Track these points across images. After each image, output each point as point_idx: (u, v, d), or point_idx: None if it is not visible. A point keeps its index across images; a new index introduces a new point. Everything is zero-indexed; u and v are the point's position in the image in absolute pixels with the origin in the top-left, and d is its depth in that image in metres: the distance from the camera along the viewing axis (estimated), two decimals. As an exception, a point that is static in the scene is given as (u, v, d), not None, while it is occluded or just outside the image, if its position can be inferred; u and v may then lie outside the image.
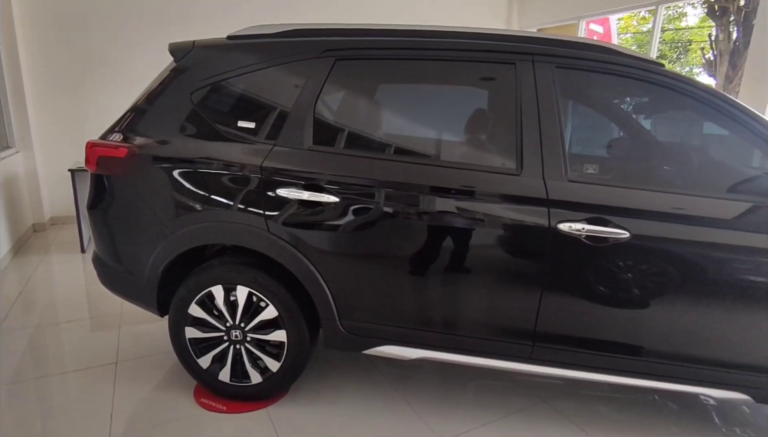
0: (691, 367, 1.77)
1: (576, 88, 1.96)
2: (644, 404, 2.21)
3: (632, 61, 1.78)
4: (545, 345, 1.81)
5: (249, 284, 1.88)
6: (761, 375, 1.73)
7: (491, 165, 1.85)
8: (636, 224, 1.65)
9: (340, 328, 1.91)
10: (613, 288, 1.74)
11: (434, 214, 1.78)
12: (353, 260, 1.86)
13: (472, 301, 1.83)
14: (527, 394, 2.23)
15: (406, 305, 1.88)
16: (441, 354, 1.90)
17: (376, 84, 2.02)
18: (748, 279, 1.68)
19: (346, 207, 1.78)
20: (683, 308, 1.72)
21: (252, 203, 1.82)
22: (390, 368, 2.38)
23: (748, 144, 1.76)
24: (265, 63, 1.87)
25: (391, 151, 1.93)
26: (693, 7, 13.91)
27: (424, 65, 1.89)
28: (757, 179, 1.77)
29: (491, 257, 1.78)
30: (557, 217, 1.67)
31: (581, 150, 2.24)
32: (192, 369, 2.04)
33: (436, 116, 2.04)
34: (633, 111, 2.30)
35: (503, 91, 1.83)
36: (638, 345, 1.78)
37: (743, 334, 1.71)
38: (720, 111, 1.72)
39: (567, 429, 2.00)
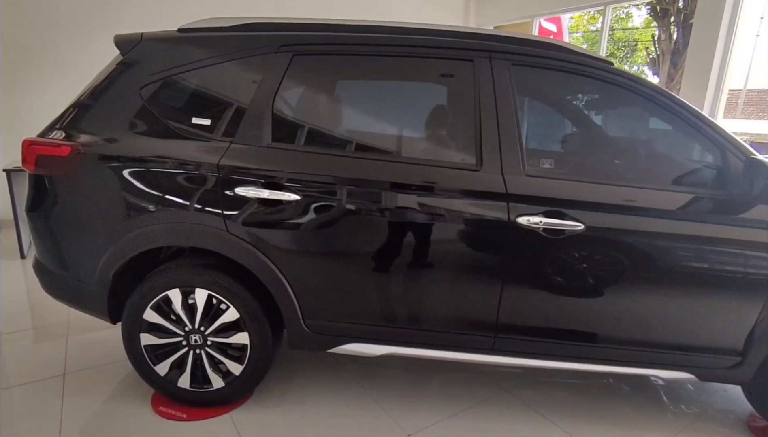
0: (642, 351, 1.86)
1: (532, 84, 2.01)
2: (600, 388, 2.32)
3: (584, 59, 1.84)
4: (507, 336, 1.86)
5: (208, 286, 1.82)
6: (703, 355, 1.85)
7: (452, 161, 1.87)
8: (590, 216, 1.72)
9: (305, 328, 1.88)
10: (569, 278, 1.81)
11: (396, 210, 1.78)
12: (316, 258, 1.83)
13: (436, 296, 1.85)
14: (491, 384, 2.28)
15: (370, 302, 1.87)
16: (406, 349, 1.91)
17: (335, 80, 2.00)
18: (691, 266, 1.78)
19: (307, 205, 1.75)
20: (634, 295, 1.81)
21: (209, 203, 1.76)
22: (356, 365, 2.38)
23: (689, 138, 1.86)
24: (220, 57, 1.81)
25: (352, 148, 1.91)
26: (638, 8, 14.63)
27: (384, 61, 1.89)
28: (698, 171, 1.88)
29: (453, 252, 1.80)
30: (516, 211, 1.71)
31: (537, 145, 2.30)
32: (149, 378, 1.95)
33: (396, 112, 2.04)
34: (585, 107, 2.39)
35: (462, 88, 1.85)
36: (594, 333, 1.86)
37: (687, 318, 1.82)
38: (664, 107, 1.81)
39: (530, 416, 2.07)
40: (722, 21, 4.58)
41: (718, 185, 1.78)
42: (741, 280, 1.77)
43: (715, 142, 1.77)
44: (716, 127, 1.78)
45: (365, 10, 6.02)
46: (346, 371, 2.34)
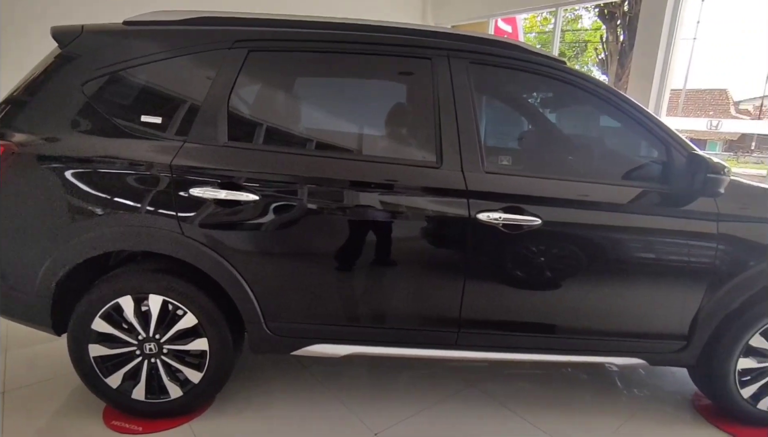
0: (598, 340, 1.94)
1: (489, 83, 2.04)
2: (560, 377, 2.40)
3: (539, 58, 1.89)
4: (470, 331, 1.89)
5: (163, 292, 1.74)
6: (653, 341, 1.95)
7: (412, 158, 1.87)
8: (546, 211, 1.76)
9: (267, 331, 1.84)
10: (529, 272, 1.85)
11: (358, 209, 1.76)
12: (277, 259, 1.79)
13: (399, 294, 1.85)
14: (456, 379, 2.31)
15: (333, 302, 1.85)
16: (371, 348, 1.90)
17: (293, 77, 1.96)
18: (641, 256, 1.87)
19: (266, 205, 1.71)
20: (589, 287, 1.88)
21: (162, 204, 1.68)
22: (320, 367, 2.34)
23: (637, 135, 1.95)
24: (170, 52, 1.73)
25: (312, 146, 1.88)
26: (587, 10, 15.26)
27: (343, 59, 1.86)
28: (646, 166, 1.98)
29: (416, 249, 1.80)
30: (476, 207, 1.73)
31: (496, 143, 2.35)
32: (99, 391, 1.84)
33: (356, 110, 2.03)
34: (540, 105, 2.46)
35: (421, 86, 1.85)
36: (553, 324, 1.92)
37: (638, 306, 1.91)
38: (614, 105, 1.89)
39: (495, 408, 2.11)
40: (664, 24, 4.84)
41: (663, 179, 1.87)
42: (685, 269, 1.87)
43: (660, 138, 1.86)
44: (661, 124, 1.88)
45: (321, 6, 5.95)
46: (310, 373, 2.30)
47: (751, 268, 1.84)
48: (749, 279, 1.85)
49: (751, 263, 1.84)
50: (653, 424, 2.06)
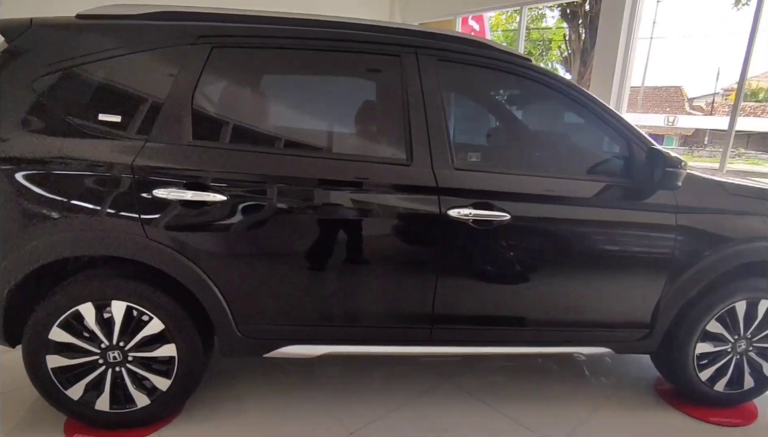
0: (566, 331, 1.99)
1: (457, 80, 2.06)
2: (531, 368, 2.45)
3: (505, 55, 1.92)
4: (443, 326, 1.90)
5: (126, 297, 1.67)
6: (618, 330, 2.02)
7: (383, 156, 1.87)
8: (515, 206, 1.79)
9: (238, 334, 1.80)
10: (499, 266, 1.88)
11: (329, 208, 1.75)
12: (247, 261, 1.75)
13: (372, 292, 1.84)
14: (431, 375, 2.33)
15: (306, 302, 1.83)
16: (345, 347, 1.89)
17: (260, 74, 1.91)
18: (606, 248, 1.93)
19: (234, 205, 1.67)
20: (557, 279, 1.93)
21: (124, 207, 1.61)
22: (294, 368, 2.31)
23: (600, 131, 2.01)
24: (129, 48, 1.65)
25: (281, 145, 1.84)
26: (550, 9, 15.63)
27: (311, 55, 1.83)
28: (609, 161, 2.04)
29: (388, 247, 1.80)
30: (447, 204, 1.74)
31: (465, 139, 2.37)
32: (59, 403, 1.75)
33: (325, 108, 2.00)
34: (507, 102, 2.50)
35: (390, 83, 1.85)
36: (523, 317, 1.96)
37: (604, 297, 1.97)
38: (577, 102, 1.94)
39: (469, 403, 2.13)
40: (622, 24, 5.01)
41: (625, 174, 1.93)
42: (647, 259, 1.94)
43: (622, 134, 1.92)
44: (622, 120, 1.94)
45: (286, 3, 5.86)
46: (284, 374, 2.27)
47: (707, 258, 1.93)
48: (706, 268, 1.93)
49: (706, 253, 1.93)
50: (620, 410, 2.14)
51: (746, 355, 2.08)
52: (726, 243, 1.94)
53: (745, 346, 2.07)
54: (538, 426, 1.98)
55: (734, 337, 2.05)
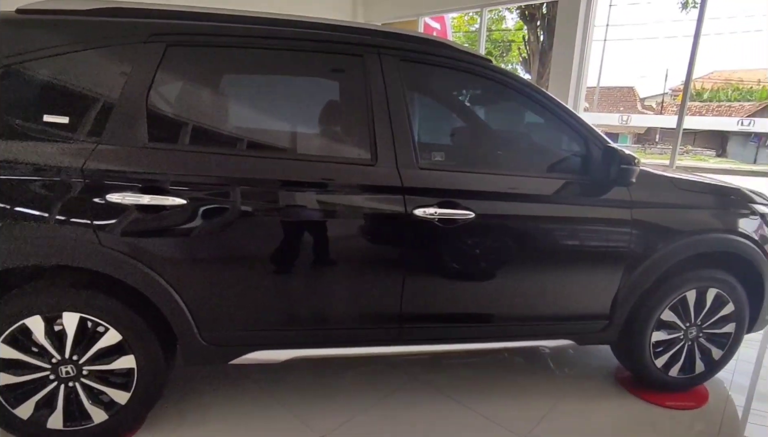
0: (531, 325, 2.04)
1: (419, 80, 2.07)
2: (498, 363, 2.50)
3: (465, 56, 1.95)
4: (411, 325, 1.91)
5: (80, 309, 1.59)
6: (580, 322, 2.08)
7: (348, 156, 1.85)
8: (479, 205, 1.82)
9: (201, 342, 1.74)
10: (465, 264, 1.91)
11: (294, 209, 1.72)
12: (210, 266, 1.70)
13: (340, 294, 1.83)
14: (400, 374, 2.33)
15: (272, 307, 1.79)
16: (313, 350, 1.87)
17: (221, 74, 1.85)
18: (566, 244, 1.99)
19: (195, 209, 1.61)
20: (522, 275, 1.97)
21: (75, 213, 1.53)
22: (261, 374, 2.27)
23: (559, 130, 2.07)
24: (76, 45, 1.57)
25: (243, 146, 1.80)
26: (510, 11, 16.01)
27: (272, 55, 1.80)
28: (567, 159, 2.10)
29: (354, 248, 1.79)
30: (412, 204, 1.75)
31: (429, 139, 2.39)
32: (7, 424, 1.64)
33: (289, 108, 1.96)
34: (470, 102, 2.54)
35: (353, 83, 1.84)
36: (490, 313, 1.99)
37: (566, 291, 2.04)
38: (537, 102, 1.99)
39: (439, 400, 2.15)
40: (578, 26, 5.19)
41: (583, 171, 2.00)
42: (606, 253, 2.02)
43: (579, 133, 1.99)
44: (580, 119, 2.00)
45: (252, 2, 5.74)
46: (251, 381, 2.22)
47: (660, 250, 2.02)
48: (659, 259, 2.03)
49: (659, 245, 2.02)
50: (583, 399, 2.21)
51: (697, 341, 2.20)
52: (677, 235, 2.04)
53: (696, 333, 2.19)
54: (506, 419, 2.02)
55: (686, 325, 2.16)
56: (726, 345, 2.22)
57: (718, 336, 2.21)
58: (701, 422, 2.10)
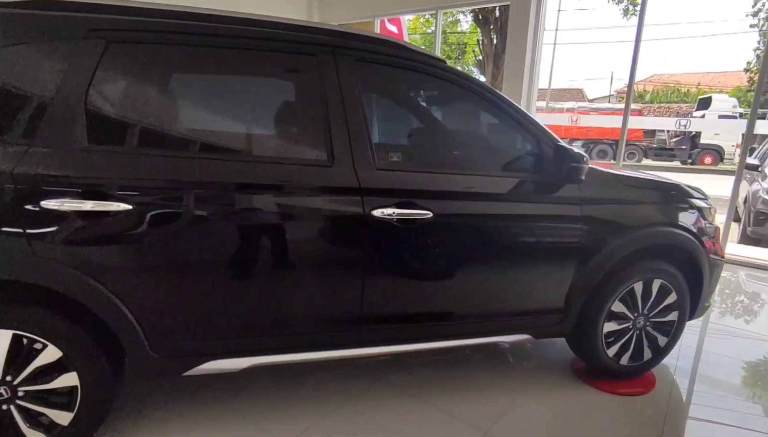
0: (490, 321, 2.08)
1: (376, 81, 2.07)
2: (459, 360, 2.53)
3: (420, 56, 1.96)
4: (373, 327, 1.90)
5: (12, 325, 1.47)
6: (537, 317, 2.14)
7: (304, 157, 1.82)
8: (437, 204, 1.83)
9: (152, 354, 1.65)
10: (424, 264, 1.92)
11: (250, 212, 1.67)
12: (160, 274, 1.61)
13: (299, 298, 1.79)
14: (362, 376, 2.31)
15: (229, 314, 1.73)
16: (273, 357, 1.82)
17: (169, 73, 1.76)
18: (522, 240, 2.04)
19: (142, 214, 1.53)
20: (480, 273, 2.01)
21: (5, 221, 1.41)
22: (219, 383, 2.18)
23: (513, 130, 2.12)
24: (5, 40, 1.45)
25: (195, 148, 1.72)
26: (464, 14, 16.35)
27: (224, 54, 1.73)
28: (521, 158, 2.16)
29: (313, 251, 1.76)
30: (370, 204, 1.74)
31: (386, 140, 2.39)
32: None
33: (243, 109, 1.90)
34: (425, 103, 2.56)
35: (308, 83, 1.80)
36: (450, 311, 2.02)
37: (523, 286, 2.09)
38: (491, 103, 2.03)
39: (401, 400, 2.15)
40: (529, 30, 5.36)
41: (536, 170, 2.06)
42: (559, 249, 2.09)
43: (532, 132, 2.04)
44: (532, 120, 2.06)
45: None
46: (207, 392, 2.13)
47: (609, 244, 2.11)
48: (608, 253, 2.11)
49: (608, 240, 2.11)
50: (541, 391, 2.27)
51: (644, 330, 2.31)
52: (625, 230, 2.14)
53: (643, 322, 2.30)
54: (468, 416, 2.04)
55: (634, 315, 2.27)
56: (670, 333, 2.35)
57: (663, 324, 2.33)
58: (650, 406, 2.21)
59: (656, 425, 2.06)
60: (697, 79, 25.27)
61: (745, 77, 22.59)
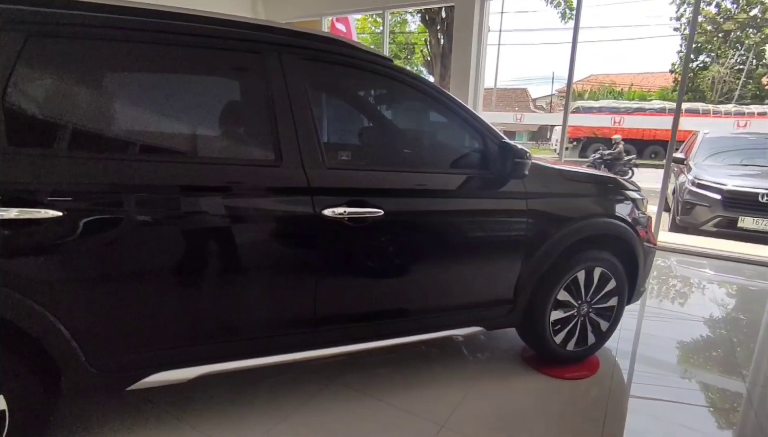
0: (444, 316, 2.12)
1: (323, 79, 2.05)
2: (414, 356, 2.56)
3: (369, 56, 1.96)
4: (327, 328, 1.88)
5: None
6: (488, 309, 2.21)
7: (251, 158, 1.77)
8: (388, 202, 1.84)
9: (91, 370, 1.55)
10: (377, 262, 1.92)
11: (196, 216, 1.61)
12: (97, 285, 1.51)
13: (250, 302, 1.74)
14: (318, 377, 2.29)
15: (175, 323, 1.65)
16: (224, 364, 1.75)
17: (101, 71, 1.64)
18: (471, 235, 2.10)
19: (75, 221, 1.43)
20: (432, 269, 2.03)
21: None
22: (167, 396, 2.08)
23: (460, 128, 2.17)
24: None
25: (134, 150, 1.62)
26: (411, 15, 16.56)
27: (162, 51, 1.64)
28: (468, 155, 2.21)
29: (263, 253, 1.72)
30: (321, 204, 1.72)
31: (335, 139, 2.38)
32: None
33: (184, 109, 1.81)
34: (375, 102, 2.57)
35: (253, 82, 1.76)
36: (405, 308, 2.03)
37: (474, 280, 2.14)
38: (438, 101, 2.06)
39: (357, 399, 2.14)
40: (473, 30, 5.50)
41: (482, 166, 2.12)
42: (507, 242, 2.16)
43: (478, 130, 2.10)
44: (478, 117, 2.12)
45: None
46: (154, 406, 2.03)
47: (553, 236, 2.20)
48: (552, 245, 2.21)
49: (552, 232, 2.20)
50: (494, 381, 2.34)
51: (588, 316, 2.44)
52: (567, 222, 2.24)
53: (587, 309, 2.42)
54: (424, 410, 2.07)
55: (578, 302, 2.38)
56: (611, 317, 2.49)
57: (605, 309, 2.47)
58: (596, 388, 2.33)
59: (601, 405, 2.18)
60: (630, 80, 27.02)
61: (671, 78, 24.43)
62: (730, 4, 20.58)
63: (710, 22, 21.12)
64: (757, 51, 20.64)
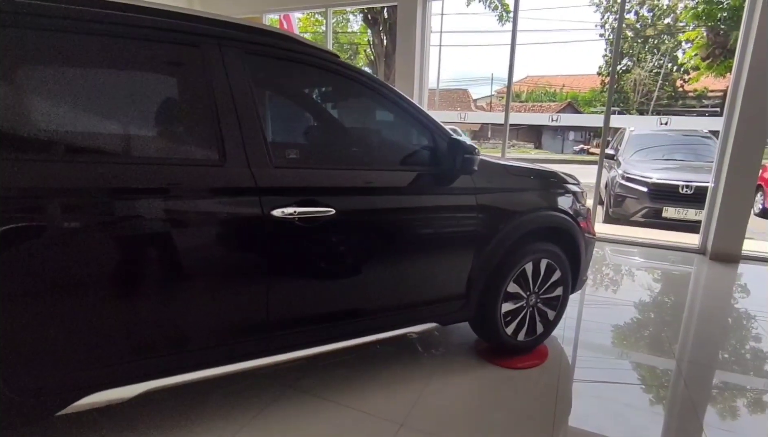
0: (398, 314, 2.11)
1: (269, 75, 1.96)
2: (371, 356, 2.53)
3: (314, 51, 1.90)
4: (281, 333, 1.81)
5: None
6: (441, 304, 2.23)
7: (192, 157, 1.66)
8: (339, 201, 1.81)
9: (12, 397, 1.39)
10: (330, 262, 1.88)
11: (133, 221, 1.48)
12: (15, 300, 1.36)
13: (197, 311, 1.64)
14: (273, 384, 2.20)
15: (112, 337, 1.52)
16: (170, 379, 1.64)
17: (20, 62, 1.47)
18: (423, 232, 2.10)
19: (-12, 230, 1.27)
20: (385, 267, 2.02)
21: None
22: (107, 418, 1.92)
23: (408, 125, 2.17)
24: None
25: (59, 151, 1.46)
26: (354, 14, 16.53)
27: (88, 41, 1.50)
28: (418, 152, 2.22)
29: (209, 258, 1.62)
30: (269, 204, 1.65)
31: (282, 137, 2.30)
32: None
33: (115, 106, 1.66)
34: (322, 99, 2.51)
35: (192, 77, 1.65)
36: (358, 308, 2.00)
37: (427, 276, 2.15)
38: (386, 98, 2.05)
39: (314, 404, 2.08)
40: (417, 31, 5.57)
41: (432, 162, 2.13)
42: (458, 237, 2.19)
43: (427, 127, 2.11)
44: (426, 114, 2.13)
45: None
46: (93, 430, 1.86)
47: (502, 230, 2.26)
48: (501, 239, 2.27)
49: (500, 226, 2.26)
50: (450, 375, 2.37)
51: (536, 307, 2.53)
52: (514, 216, 2.31)
53: (535, 299, 2.51)
54: (382, 410, 2.05)
55: (527, 294, 2.46)
56: (558, 306, 2.60)
57: (551, 299, 2.57)
58: (546, 375, 2.42)
59: (551, 391, 2.27)
60: (563, 81, 28.62)
61: (598, 80, 26.13)
62: (647, 12, 22.31)
63: (631, 28, 22.81)
64: (672, 56, 22.55)
